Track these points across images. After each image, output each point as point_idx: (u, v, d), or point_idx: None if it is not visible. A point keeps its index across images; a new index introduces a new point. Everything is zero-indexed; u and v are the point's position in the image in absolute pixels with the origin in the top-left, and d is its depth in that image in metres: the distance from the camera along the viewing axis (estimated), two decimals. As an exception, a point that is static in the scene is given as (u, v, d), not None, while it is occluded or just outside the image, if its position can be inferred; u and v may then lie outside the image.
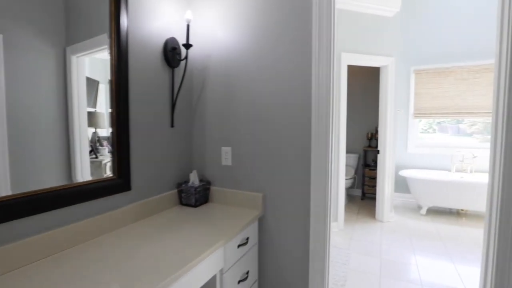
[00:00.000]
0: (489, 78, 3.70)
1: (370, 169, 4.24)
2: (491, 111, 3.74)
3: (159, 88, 1.56)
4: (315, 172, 1.42)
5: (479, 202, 3.32)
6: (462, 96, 3.84)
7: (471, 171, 3.74)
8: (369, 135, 4.40)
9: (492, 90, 3.81)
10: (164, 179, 1.61)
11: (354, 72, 4.50)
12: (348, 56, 2.99)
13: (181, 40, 1.65)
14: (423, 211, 3.61)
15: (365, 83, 4.48)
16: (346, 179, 3.91)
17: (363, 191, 4.35)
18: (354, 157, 4.48)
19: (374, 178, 4.04)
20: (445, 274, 2.26)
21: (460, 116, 3.88)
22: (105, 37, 1.25)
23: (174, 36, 1.63)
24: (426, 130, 4.34)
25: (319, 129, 1.40)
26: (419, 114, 4.08)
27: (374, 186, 3.95)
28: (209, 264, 1.07)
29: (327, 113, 1.39)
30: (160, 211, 1.53)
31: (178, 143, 1.71)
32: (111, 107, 1.28)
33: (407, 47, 4.10)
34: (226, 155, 1.68)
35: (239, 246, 1.28)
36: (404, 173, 3.86)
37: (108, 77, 1.27)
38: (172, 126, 1.65)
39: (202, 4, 1.70)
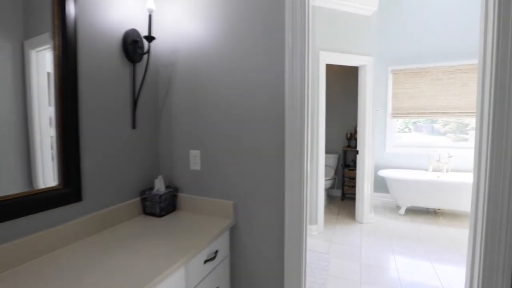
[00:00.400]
0: (462, 79, 3.79)
1: (349, 169, 4.22)
2: (464, 111, 3.83)
3: (118, 85, 1.39)
4: (289, 174, 1.31)
5: (455, 202, 3.37)
6: (437, 96, 3.91)
7: (447, 171, 3.80)
8: (349, 135, 4.39)
9: (465, 91, 3.96)
10: (125, 187, 1.44)
11: (334, 71, 4.48)
12: (327, 55, 2.93)
13: (144, 33, 1.49)
14: (402, 211, 3.63)
15: (345, 82, 4.46)
16: (325, 179, 3.86)
17: (343, 192, 4.33)
18: (333, 157, 4.45)
19: (353, 178, 4.02)
20: (424, 276, 2.24)
21: (436, 116, 3.94)
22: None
23: (136, 28, 1.46)
24: (402, 129, 4.40)
25: (293, 130, 1.30)
26: (397, 114, 4.12)
27: (353, 186, 3.93)
28: None
29: (302, 112, 1.29)
30: (119, 222, 1.36)
31: (142, 146, 1.54)
32: (55, 106, 1.10)
33: (385, 47, 4.12)
34: (195, 159, 1.53)
35: (205, 261, 1.15)
36: (382, 173, 3.87)
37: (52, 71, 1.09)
38: (134, 127, 1.48)
39: (167, -7, 1.55)
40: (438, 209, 3.68)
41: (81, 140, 1.20)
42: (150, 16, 1.41)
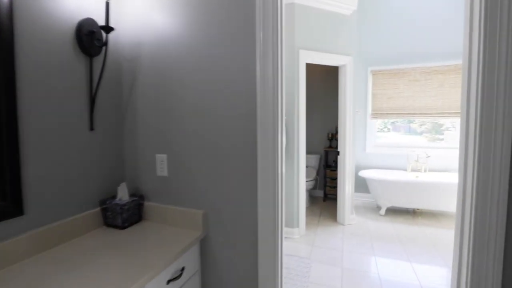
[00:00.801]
0: (439, 80, 3.85)
1: (331, 170, 4.19)
2: (441, 111, 3.91)
3: (71, 82, 1.22)
4: (262, 176, 1.20)
5: (433, 201, 3.41)
6: (415, 97, 3.96)
7: (425, 170, 3.86)
8: (330, 136, 4.36)
9: (441, 92, 4.04)
10: (83, 196, 1.28)
11: (315, 71, 4.45)
12: (307, 54, 2.86)
13: (102, 23, 1.33)
14: (382, 211, 3.64)
15: (326, 82, 4.44)
16: (307, 181, 3.81)
17: (325, 192, 4.30)
18: (315, 158, 4.42)
19: (335, 179, 4.00)
20: (405, 278, 2.21)
21: (414, 116, 3.99)
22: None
23: (92, 17, 1.30)
24: (381, 129, 4.44)
25: (265, 130, 1.19)
26: (376, 114, 4.14)
27: (335, 187, 3.90)
28: (118, 317, 0.79)
29: (275, 111, 1.19)
30: (75, 236, 1.20)
31: (102, 150, 1.38)
32: (-15, 104, 0.93)
33: (364, 47, 4.13)
34: (162, 164, 1.39)
35: (169, 281, 1.02)
36: (363, 173, 3.86)
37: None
38: (91, 129, 1.32)
39: (130, -20, 1.40)
40: (417, 209, 3.72)
41: (21, 144, 1.03)
42: (107, 4, 1.26)
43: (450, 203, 3.35)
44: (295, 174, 2.88)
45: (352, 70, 3.20)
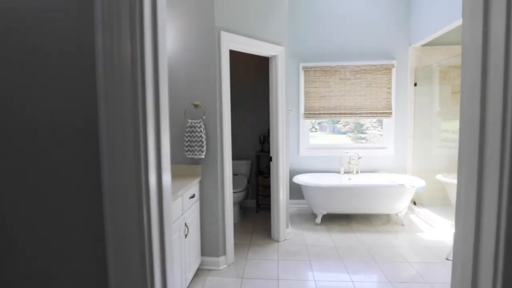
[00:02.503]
0: (367, 79, 3.78)
1: (264, 177, 3.73)
2: (369, 111, 3.85)
3: None
4: (115, 199, 0.55)
5: (367, 205, 3.26)
6: (346, 96, 3.81)
7: (357, 172, 3.73)
8: (262, 138, 3.90)
9: (370, 91, 4.01)
10: None
11: (245, 62, 3.92)
12: (230, 38, 2.27)
13: None
14: (318, 219, 3.33)
15: (258, 77, 3.96)
16: (237, 192, 3.24)
17: (258, 202, 3.82)
18: (246, 164, 3.90)
19: (268, 187, 3.54)
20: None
21: (345, 116, 3.84)
22: None
23: None
24: (310, 129, 4.27)
25: (117, 136, 0.54)
26: (309, 114, 3.85)
27: (269, 196, 3.44)
28: None
29: (135, 108, 0.55)
30: None
31: None
32: None
33: (296, 41, 3.81)
34: None
35: None
36: (297, 179, 3.50)
37: None
38: None
39: None
40: (351, 214, 3.54)
41: None
42: None
43: (381, 206, 3.24)
44: (219, 187, 2.27)
45: (284, 63, 2.76)
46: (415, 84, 3.78)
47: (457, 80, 3.80)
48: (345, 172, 3.79)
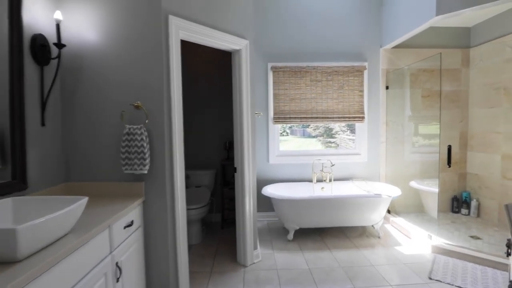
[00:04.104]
0: (339, 81, 3.55)
1: (229, 188, 3.32)
2: (341, 115, 3.62)
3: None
4: None
5: (342, 218, 2.98)
6: (317, 99, 3.54)
7: (330, 180, 3.46)
8: (228, 145, 3.49)
9: (342, 94, 3.78)
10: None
11: (208, 57, 3.50)
12: (183, 25, 1.85)
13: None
14: (290, 235, 2.98)
15: (224, 75, 3.55)
16: (197, 208, 2.79)
17: (223, 217, 3.39)
18: (210, 174, 3.45)
19: (235, 199, 3.13)
20: None
21: (317, 121, 3.57)
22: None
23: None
24: (281, 133, 4.02)
25: None
26: (279, 118, 3.53)
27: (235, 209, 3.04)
28: None
29: None
30: None
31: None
32: None
33: (264, 39, 3.48)
34: None
35: None
36: (267, 191, 3.14)
37: None
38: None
39: None
40: (326, 227, 3.24)
41: None
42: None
43: (357, 218, 2.99)
44: (169, 208, 1.80)
45: (248, 59, 2.40)
46: (387, 87, 3.63)
47: (427, 84, 3.72)
48: (318, 181, 3.51)
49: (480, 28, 3.56)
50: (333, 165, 3.47)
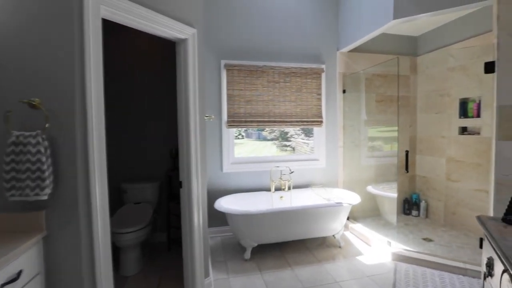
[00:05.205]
0: (297, 83, 3.36)
1: (177, 203, 2.83)
2: (300, 119, 3.44)
3: None
4: None
5: (303, 230, 2.76)
6: (274, 102, 3.30)
7: (289, 188, 3.23)
8: (175, 152, 3.03)
9: (300, 97, 3.58)
10: None
11: (155, 50, 3.00)
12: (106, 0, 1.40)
13: None
14: (247, 254, 2.65)
15: (172, 73, 3.08)
16: (134, 231, 2.29)
17: (169, 237, 2.91)
18: (152, 188, 2.94)
19: (183, 217, 2.69)
20: None
21: (274, 125, 3.32)
22: None
23: None
24: (237, 136, 3.74)
25: None
26: (233, 122, 3.19)
27: (183, 230, 2.59)
28: None
29: None
30: None
31: None
32: None
33: (217, 34, 3.12)
34: None
35: None
36: (220, 204, 2.76)
37: None
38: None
39: None
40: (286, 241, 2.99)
41: None
42: None
43: (319, 229, 2.80)
44: (83, 242, 1.31)
45: (197, 52, 2.01)
46: (344, 91, 3.56)
47: (381, 89, 3.75)
48: (276, 189, 3.25)
49: (426, 37, 3.72)
50: (292, 172, 3.25)
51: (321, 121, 3.46)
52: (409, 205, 3.85)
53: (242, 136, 4.25)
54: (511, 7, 1.99)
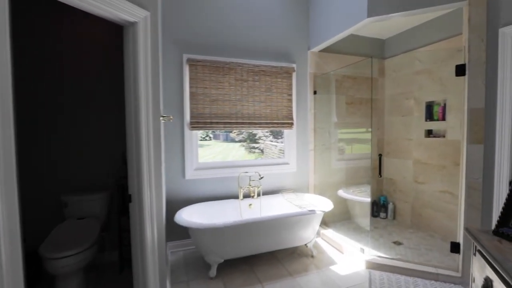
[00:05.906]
0: (267, 83, 3.15)
1: (129, 217, 2.47)
2: (270, 121, 3.23)
3: None
4: None
5: (273, 242, 2.54)
6: (243, 102, 3.05)
7: (258, 195, 3.00)
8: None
9: (270, 97, 3.35)
10: None
11: (99, 36, 2.58)
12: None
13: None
14: (213, 271, 2.36)
15: (121, 60, 2.68)
16: (74, 254, 1.88)
17: (121, 256, 2.50)
18: (100, 199, 2.51)
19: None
20: None
21: (243, 127, 3.07)
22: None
23: None
24: (204, 138, 3.48)
25: None
26: (197, 123, 2.87)
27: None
28: None
29: None
30: None
31: None
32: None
33: (178, 24, 2.79)
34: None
35: None
36: (182, 217, 2.43)
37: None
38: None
39: None
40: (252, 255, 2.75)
41: None
42: None
43: (290, 239, 2.60)
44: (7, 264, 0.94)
45: (151, 40, 1.69)
46: (315, 92, 3.43)
47: (350, 91, 3.70)
48: (245, 196, 3.01)
49: (393, 41, 3.75)
50: (261, 177, 3.02)
51: (292, 123, 3.29)
52: (377, 207, 3.84)
53: (210, 137, 4.02)
54: (482, 9, 1.98)
